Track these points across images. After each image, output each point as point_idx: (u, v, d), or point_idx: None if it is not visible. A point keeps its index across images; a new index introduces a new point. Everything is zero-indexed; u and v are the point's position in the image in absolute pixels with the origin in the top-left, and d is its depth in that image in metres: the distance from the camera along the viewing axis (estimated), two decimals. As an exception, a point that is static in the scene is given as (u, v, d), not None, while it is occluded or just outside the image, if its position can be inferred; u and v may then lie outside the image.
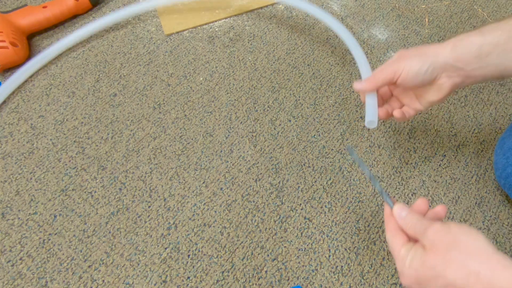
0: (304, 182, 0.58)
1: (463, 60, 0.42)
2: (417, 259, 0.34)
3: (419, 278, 0.34)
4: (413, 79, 0.44)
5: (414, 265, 0.34)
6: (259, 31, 0.75)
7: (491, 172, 0.60)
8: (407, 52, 0.45)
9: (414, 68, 0.43)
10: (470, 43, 0.41)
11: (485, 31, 0.41)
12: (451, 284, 0.31)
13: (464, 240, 0.32)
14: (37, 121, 0.62)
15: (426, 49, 0.44)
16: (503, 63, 0.41)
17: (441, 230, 0.34)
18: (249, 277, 0.51)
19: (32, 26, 0.69)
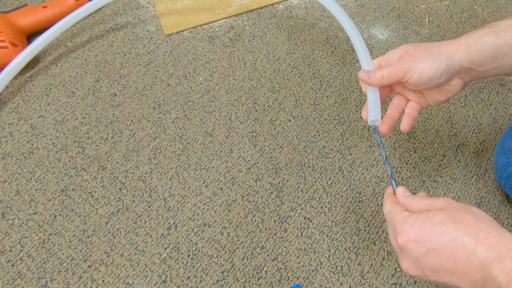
0: (304, 182, 0.58)
1: (478, 62, 0.40)
2: (423, 216, 0.33)
3: (421, 234, 0.33)
4: (426, 83, 0.41)
5: (418, 221, 0.33)
6: (259, 31, 0.75)
7: (491, 172, 0.60)
8: (416, 50, 0.42)
9: (429, 71, 0.40)
10: (486, 45, 0.39)
11: (499, 30, 0.39)
12: (456, 239, 0.30)
13: (475, 210, 0.33)
14: (37, 121, 0.62)
15: (439, 49, 0.41)
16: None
17: (451, 200, 0.34)
18: (249, 277, 0.51)
19: (32, 26, 0.69)
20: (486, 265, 0.29)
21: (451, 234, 0.31)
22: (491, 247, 0.29)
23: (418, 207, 0.36)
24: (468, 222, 0.31)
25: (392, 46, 0.73)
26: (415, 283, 0.51)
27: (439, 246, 0.31)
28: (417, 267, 0.33)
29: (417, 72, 0.41)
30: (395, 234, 0.35)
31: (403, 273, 0.51)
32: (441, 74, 0.40)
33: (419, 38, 0.75)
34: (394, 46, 0.73)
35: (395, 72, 0.42)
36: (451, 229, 0.31)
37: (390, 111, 0.47)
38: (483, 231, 0.30)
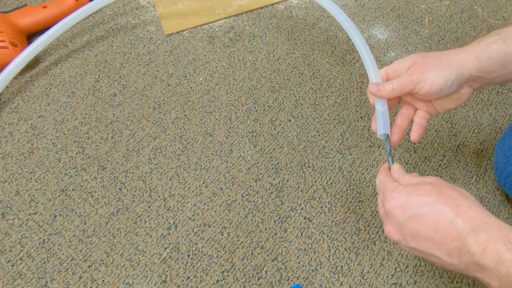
0: (304, 182, 0.58)
1: (487, 70, 0.40)
2: (412, 186, 0.36)
3: (407, 201, 0.35)
4: (436, 93, 0.41)
5: (407, 190, 0.35)
6: (259, 31, 0.75)
7: (491, 172, 0.60)
8: (425, 60, 0.41)
9: (439, 82, 0.40)
10: (494, 53, 0.39)
11: (507, 38, 0.39)
12: (439, 209, 0.33)
13: (461, 189, 0.35)
14: (37, 121, 0.62)
15: (448, 59, 0.41)
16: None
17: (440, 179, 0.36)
18: (249, 277, 0.51)
19: (32, 26, 0.69)
20: (463, 235, 0.31)
21: (434, 204, 0.33)
22: (469, 220, 0.31)
23: (409, 182, 0.38)
24: (453, 196, 0.33)
25: (392, 46, 0.73)
26: (415, 283, 0.51)
27: (422, 213, 0.33)
28: (399, 231, 0.35)
29: (428, 83, 0.40)
30: (383, 200, 0.37)
31: (403, 273, 0.51)
32: (452, 84, 0.40)
33: (419, 38, 0.75)
34: (394, 46, 0.73)
35: (406, 84, 0.42)
36: (436, 200, 0.33)
37: (399, 121, 0.46)
38: (465, 206, 0.32)
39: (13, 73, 0.63)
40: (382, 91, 0.44)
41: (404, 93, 0.43)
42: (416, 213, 0.34)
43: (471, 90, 0.43)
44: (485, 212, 0.32)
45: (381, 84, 0.44)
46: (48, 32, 0.64)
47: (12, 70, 0.63)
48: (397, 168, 0.41)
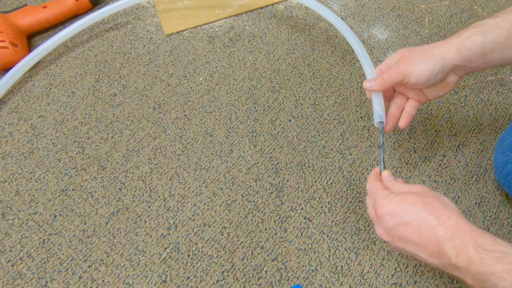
0: (304, 182, 0.58)
1: (468, 60, 0.44)
2: (400, 196, 0.40)
3: (396, 209, 0.39)
4: (424, 83, 0.46)
5: (396, 199, 0.40)
6: (259, 31, 0.75)
7: (491, 172, 0.60)
8: (412, 53, 0.46)
9: (425, 73, 0.45)
10: (474, 44, 0.43)
11: (485, 30, 0.43)
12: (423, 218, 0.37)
13: (444, 199, 0.39)
14: (37, 121, 0.62)
15: (432, 51, 0.45)
16: (505, 57, 0.44)
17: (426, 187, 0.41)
18: (249, 277, 0.51)
19: (32, 26, 0.69)
20: (441, 241, 0.35)
21: (419, 213, 0.37)
22: (448, 228, 0.36)
23: (398, 190, 0.42)
24: (435, 206, 0.38)
25: (392, 46, 0.73)
26: (415, 283, 0.51)
27: (408, 220, 0.38)
28: (389, 234, 0.40)
29: (415, 74, 0.45)
30: (374, 206, 0.42)
31: (403, 273, 0.51)
32: (437, 73, 0.45)
33: (419, 38, 0.75)
34: (394, 46, 0.73)
35: (395, 75, 0.47)
36: (420, 209, 0.38)
37: (392, 110, 0.52)
38: (445, 215, 0.37)
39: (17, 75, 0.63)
40: (374, 85, 0.49)
41: (394, 83, 0.47)
42: (404, 220, 0.38)
43: (457, 78, 0.47)
44: (462, 219, 0.36)
45: (373, 79, 0.49)
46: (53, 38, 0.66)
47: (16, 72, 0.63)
48: (387, 176, 0.45)
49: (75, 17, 0.74)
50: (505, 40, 0.42)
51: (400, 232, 0.38)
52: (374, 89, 0.49)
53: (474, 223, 0.55)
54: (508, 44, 0.42)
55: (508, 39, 0.42)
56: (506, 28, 0.42)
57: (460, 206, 0.57)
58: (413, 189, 0.41)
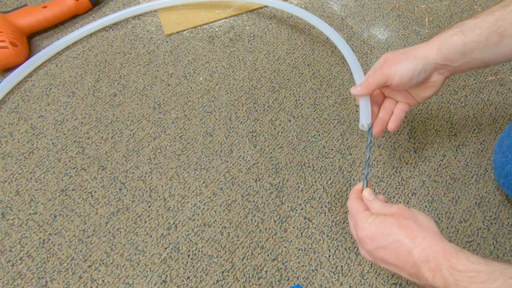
0: (304, 182, 0.58)
1: (450, 59, 0.45)
2: (379, 219, 0.41)
3: (374, 233, 0.40)
4: (407, 83, 0.46)
5: (375, 223, 0.41)
6: (259, 31, 0.75)
7: (491, 172, 0.60)
8: (395, 55, 0.47)
9: (407, 72, 0.45)
10: (455, 43, 0.44)
11: (465, 30, 0.44)
12: (399, 241, 0.38)
13: (421, 218, 0.40)
14: (37, 121, 0.62)
15: (414, 52, 0.46)
16: (486, 57, 0.44)
17: (404, 207, 0.42)
18: (249, 277, 0.51)
19: (32, 26, 0.69)
20: (418, 264, 0.37)
21: (395, 236, 0.39)
22: (423, 250, 0.37)
23: (377, 211, 0.43)
24: (410, 228, 0.39)
25: (392, 46, 0.73)
26: (415, 283, 0.51)
27: (386, 244, 0.39)
28: (370, 256, 0.42)
29: (398, 74, 0.46)
30: (355, 228, 0.43)
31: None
32: (419, 73, 0.45)
33: (419, 38, 0.75)
34: (394, 46, 0.73)
35: (378, 78, 0.47)
36: (396, 232, 0.39)
37: (381, 115, 0.52)
38: (420, 237, 0.38)
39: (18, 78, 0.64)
40: (360, 90, 0.49)
41: (380, 85, 0.48)
42: (382, 244, 0.39)
43: (442, 78, 0.47)
44: (436, 239, 0.38)
45: (359, 84, 0.50)
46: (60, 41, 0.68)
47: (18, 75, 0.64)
48: (367, 195, 0.46)
49: (75, 17, 0.74)
50: (485, 40, 0.43)
51: (380, 255, 0.40)
52: (360, 94, 0.49)
53: (474, 223, 0.56)
54: (488, 44, 0.43)
55: (488, 38, 0.43)
56: (486, 28, 0.43)
57: (460, 206, 0.57)
58: (391, 210, 0.42)
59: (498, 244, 0.54)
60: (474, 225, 0.56)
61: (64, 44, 0.68)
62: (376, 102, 0.53)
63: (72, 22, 0.74)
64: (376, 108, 0.53)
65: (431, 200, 0.57)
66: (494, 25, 0.42)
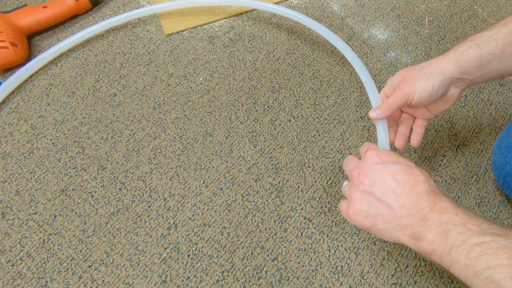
0: (304, 182, 0.58)
1: (467, 72, 0.45)
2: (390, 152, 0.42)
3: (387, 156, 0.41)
4: (426, 100, 0.46)
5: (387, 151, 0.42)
6: (259, 31, 0.75)
7: (491, 172, 0.60)
8: (412, 73, 0.47)
9: (426, 90, 0.45)
10: (471, 57, 0.44)
11: (481, 43, 0.44)
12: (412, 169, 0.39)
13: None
14: (37, 121, 0.62)
15: (430, 67, 0.46)
16: (502, 68, 0.44)
17: None
18: (249, 277, 0.51)
19: (32, 26, 0.69)
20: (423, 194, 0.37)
21: (411, 167, 0.39)
22: (434, 191, 0.37)
23: None
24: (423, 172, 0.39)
25: (392, 46, 0.73)
26: (415, 283, 0.51)
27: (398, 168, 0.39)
28: (368, 174, 0.40)
29: (417, 93, 0.46)
30: (363, 153, 0.43)
31: (403, 273, 0.51)
32: (438, 89, 0.45)
33: (419, 38, 0.75)
34: (394, 46, 0.73)
35: (399, 99, 0.47)
36: (413, 166, 0.39)
37: (401, 129, 0.53)
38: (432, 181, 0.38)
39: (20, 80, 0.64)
40: (381, 113, 0.48)
41: (400, 106, 0.48)
42: (393, 165, 0.39)
43: (458, 91, 0.48)
44: None
45: (378, 107, 0.49)
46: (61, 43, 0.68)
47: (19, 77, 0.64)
48: None
49: (75, 17, 0.74)
50: (501, 52, 0.43)
51: (385, 174, 0.39)
52: (381, 117, 0.49)
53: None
54: (504, 55, 0.43)
55: (504, 50, 0.43)
56: (501, 40, 0.43)
57: (460, 206, 0.57)
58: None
59: (498, 244, 0.54)
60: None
61: (66, 46, 0.68)
62: (393, 117, 0.53)
63: (72, 22, 0.74)
64: (393, 122, 0.53)
65: (431, 200, 0.57)
66: (509, 36, 0.43)
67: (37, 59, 0.66)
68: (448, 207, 0.35)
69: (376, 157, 0.41)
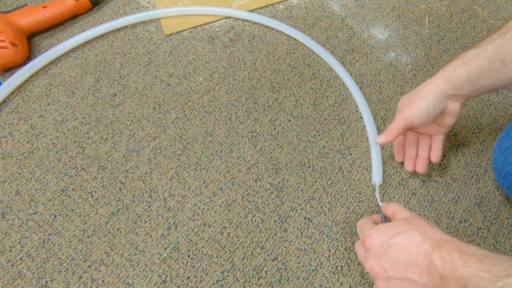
0: (304, 182, 0.58)
1: (458, 88, 0.48)
2: (387, 223, 0.43)
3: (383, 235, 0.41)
4: (426, 119, 0.49)
5: (383, 226, 0.42)
6: (259, 31, 0.75)
7: (491, 172, 0.60)
8: (409, 97, 0.50)
9: (422, 110, 0.49)
10: (460, 74, 0.47)
11: (468, 60, 0.47)
12: (410, 235, 0.39)
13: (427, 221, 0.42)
14: (37, 121, 0.62)
15: (423, 89, 0.49)
16: (492, 83, 0.47)
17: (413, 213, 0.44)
18: (249, 277, 0.51)
19: (32, 26, 0.69)
20: (429, 253, 0.37)
21: (406, 232, 0.40)
22: (434, 241, 0.38)
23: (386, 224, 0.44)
24: (421, 224, 0.40)
25: (392, 46, 0.73)
26: (415, 283, 0.51)
27: (396, 241, 0.40)
28: (379, 262, 0.41)
29: (416, 115, 0.49)
30: (363, 238, 0.43)
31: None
32: (433, 107, 0.49)
33: (419, 38, 0.75)
34: (394, 46, 0.73)
35: (399, 123, 0.51)
36: (407, 228, 0.40)
37: (421, 153, 0.56)
38: (431, 232, 0.39)
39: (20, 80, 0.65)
40: (386, 138, 0.52)
41: (403, 130, 0.51)
42: (392, 241, 0.40)
43: (457, 105, 0.50)
44: (446, 235, 0.39)
45: (383, 133, 0.52)
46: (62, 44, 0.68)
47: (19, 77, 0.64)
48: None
49: (75, 17, 0.74)
50: (488, 68, 0.45)
51: (391, 254, 0.39)
52: (386, 142, 0.52)
53: (474, 223, 0.56)
54: (492, 72, 0.45)
55: (490, 67, 0.45)
56: (487, 57, 0.45)
57: (460, 206, 0.57)
58: (400, 216, 0.44)
59: (498, 244, 0.54)
60: (474, 225, 0.56)
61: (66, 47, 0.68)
62: (413, 141, 0.57)
63: (72, 22, 0.74)
64: (414, 147, 0.56)
65: (431, 200, 0.57)
66: (494, 54, 0.45)
67: (37, 59, 0.66)
68: (454, 258, 0.35)
69: (374, 242, 0.41)
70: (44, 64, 0.67)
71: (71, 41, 0.68)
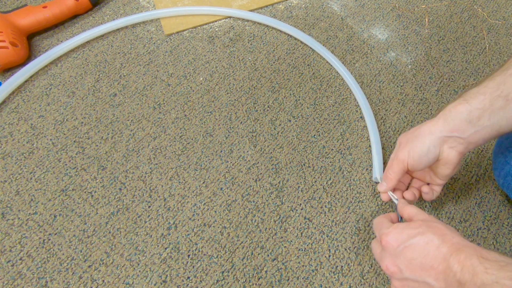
0: (304, 182, 0.58)
1: (457, 129, 0.44)
2: (404, 223, 0.42)
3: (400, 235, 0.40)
4: (419, 161, 0.46)
5: (401, 226, 0.41)
6: (259, 31, 0.75)
7: (491, 172, 0.60)
8: (406, 137, 0.47)
9: (416, 151, 0.45)
10: (459, 112, 0.43)
11: (469, 98, 0.43)
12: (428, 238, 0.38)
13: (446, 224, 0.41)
14: (37, 121, 0.62)
15: (421, 129, 0.46)
16: (496, 123, 0.42)
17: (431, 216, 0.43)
18: (249, 277, 0.51)
19: (32, 26, 0.69)
20: (447, 257, 0.36)
21: (424, 234, 0.39)
22: (452, 245, 0.37)
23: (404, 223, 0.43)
24: (439, 228, 0.39)
25: (392, 46, 0.73)
26: None
27: (414, 242, 0.39)
28: (395, 262, 0.40)
29: (410, 156, 0.46)
30: (380, 236, 0.42)
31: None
32: (428, 149, 0.45)
33: (419, 38, 0.75)
34: (394, 46, 0.73)
35: (395, 166, 0.48)
36: (425, 230, 0.39)
37: (413, 185, 0.54)
38: (449, 235, 0.38)
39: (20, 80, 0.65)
40: (386, 185, 0.50)
41: (401, 172, 0.48)
42: (410, 242, 0.39)
43: (454, 153, 0.45)
44: (465, 240, 0.38)
45: (383, 180, 0.50)
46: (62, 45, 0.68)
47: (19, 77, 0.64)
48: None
49: (75, 17, 0.74)
50: (490, 105, 0.42)
51: (407, 255, 0.38)
52: (388, 188, 0.50)
53: (474, 223, 0.56)
54: (495, 109, 0.42)
55: (492, 104, 0.42)
56: (489, 94, 0.42)
57: (460, 206, 0.57)
58: (418, 217, 0.43)
59: (498, 244, 0.54)
60: (474, 225, 0.56)
61: (67, 48, 0.69)
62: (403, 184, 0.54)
63: (72, 22, 0.74)
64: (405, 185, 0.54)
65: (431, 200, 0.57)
66: (496, 90, 0.42)
67: (37, 59, 0.66)
68: (474, 264, 0.34)
69: (391, 241, 0.40)
70: (44, 64, 0.67)
71: (71, 41, 0.69)
